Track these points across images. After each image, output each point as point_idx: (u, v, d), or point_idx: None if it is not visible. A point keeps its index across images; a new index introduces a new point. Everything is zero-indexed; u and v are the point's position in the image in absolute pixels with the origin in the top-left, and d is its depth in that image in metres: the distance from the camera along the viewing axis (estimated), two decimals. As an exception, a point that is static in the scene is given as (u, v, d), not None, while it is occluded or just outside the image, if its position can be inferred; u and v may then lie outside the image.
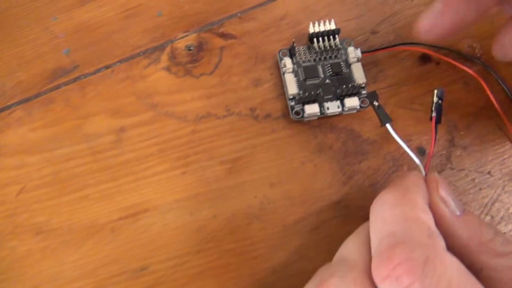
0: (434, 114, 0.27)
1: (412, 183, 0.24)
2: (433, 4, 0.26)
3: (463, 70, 0.32)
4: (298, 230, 0.29)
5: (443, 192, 0.24)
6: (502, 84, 0.32)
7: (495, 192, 0.30)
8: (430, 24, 0.27)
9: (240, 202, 0.30)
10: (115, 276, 0.28)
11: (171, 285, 0.28)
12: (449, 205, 0.23)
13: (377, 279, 0.20)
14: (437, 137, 0.27)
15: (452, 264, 0.20)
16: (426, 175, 0.25)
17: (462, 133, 0.31)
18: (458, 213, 0.23)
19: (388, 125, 0.27)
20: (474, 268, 0.22)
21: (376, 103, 0.27)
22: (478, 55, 0.33)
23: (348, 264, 0.22)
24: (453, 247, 0.23)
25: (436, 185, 0.24)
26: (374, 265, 0.20)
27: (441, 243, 0.21)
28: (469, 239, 0.22)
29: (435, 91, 0.27)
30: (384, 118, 0.27)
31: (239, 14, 0.35)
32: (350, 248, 0.23)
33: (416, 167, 0.26)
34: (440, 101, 0.27)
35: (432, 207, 0.23)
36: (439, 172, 0.30)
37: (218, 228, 0.29)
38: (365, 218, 0.24)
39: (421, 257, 0.19)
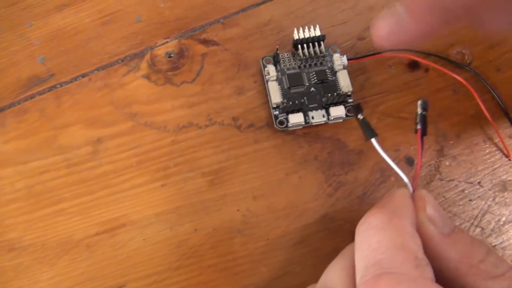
0: (419, 127, 0.25)
1: (399, 204, 0.23)
2: (394, 8, 0.23)
3: (452, 77, 0.31)
4: (283, 244, 0.28)
5: (431, 211, 0.22)
6: (492, 92, 0.31)
7: (485, 203, 0.29)
8: (388, 30, 0.23)
9: (222, 215, 0.28)
10: (91, 294, 0.27)
11: (149, 304, 0.27)
12: (438, 225, 0.22)
13: None
14: (424, 148, 0.26)
15: None
16: (413, 191, 0.24)
17: (451, 142, 0.30)
18: (447, 232, 0.22)
19: (373, 140, 0.25)
20: None
21: (360, 117, 0.26)
22: (468, 61, 0.32)
23: None
24: (443, 269, 0.22)
25: (424, 204, 0.23)
26: None
27: (429, 274, 0.20)
28: (459, 260, 0.21)
29: (419, 102, 0.26)
30: (368, 132, 0.25)
31: (221, 20, 0.33)
32: (334, 273, 0.22)
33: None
34: (424, 112, 0.26)
35: (419, 228, 0.22)
36: (428, 183, 0.29)
37: (199, 242, 0.28)
38: (351, 231, 0.23)
39: None
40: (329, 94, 0.30)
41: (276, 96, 0.30)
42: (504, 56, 0.33)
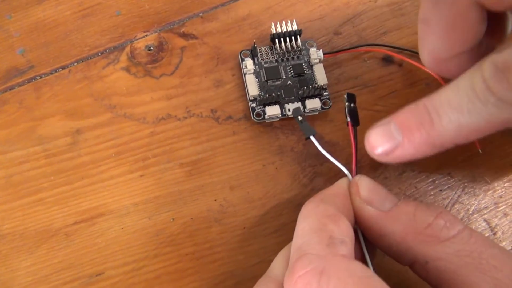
0: (349, 119, 0.26)
1: (330, 192, 0.24)
2: (389, 128, 0.24)
3: (425, 71, 0.32)
4: (259, 233, 0.29)
5: (365, 193, 0.23)
6: (463, 86, 0.32)
7: (455, 193, 0.30)
8: (383, 151, 0.24)
9: (199, 205, 0.29)
10: (69, 282, 0.27)
11: (127, 291, 0.27)
12: (375, 204, 0.23)
13: None
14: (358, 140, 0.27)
15: (349, 270, 0.19)
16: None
17: (423, 134, 0.31)
18: (387, 208, 0.23)
19: (312, 138, 0.27)
20: (419, 264, 0.22)
21: (300, 118, 0.28)
22: (440, 56, 0.33)
23: (268, 277, 0.22)
24: (392, 245, 0.22)
25: (356, 189, 0.24)
26: (284, 279, 0.20)
27: (341, 251, 0.20)
28: (404, 231, 0.22)
29: (345, 96, 0.27)
30: (307, 130, 0.27)
31: (200, 14, 0.34)
32: (276, 261, 0.23)
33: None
34: (352, 104, 0.27)
35: (356, 211, 0.23)
36: (400, 174, 0.30)
37: (177, 231, 0.28)
38: (325, 220, 0.24)
39: (318, 269, 0.19)
40: (305, 87, 0.30)
41: (253, 89, 0.31)
42: (475, 52, 0.34)
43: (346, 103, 0.27)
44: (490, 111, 0.20)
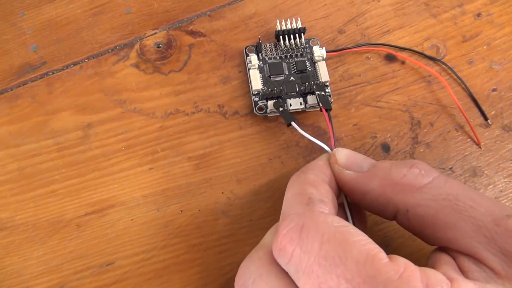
0: (321, 105, 0.29)
1: (311, 164, 0.25)
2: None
3: (427, 69, 0.33)
4: (265, 225, 0.29)
5: (343, 160, 0.25)
6: (463, 84, 0.33)
7: (456, 187, 0.31)
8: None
9: (207, 197, 0.30)
10: (80, 271, 0.28)
11: (136, 280, 0.28)
12: (354, 168, 0.24)
13: (275, 255, 0.21)
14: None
15: (325, 221, 0.20)
16: None
17: (425, 130, 0.32)
18: (365, 169, 0.24)
19: (293, 123, 0.29)
20: (401, 214, 0.23)
21: (281, 109, 0.30)
22: (442, 54, 0.34)
23: (259, 246, 0.23)
24: (372, 203, 0.23)
25: (335, 158, 0.25)
26: (272, 243, 0.21)
27: (320, 208, 0.21)
28: (381, 186, 0.23)
29: (314, 87, 0.31)
30: (288, 118, 0.29)
31: (208, 12, 0.35)
32: (267, 233, 0.24)
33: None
34: (322, 93, 0.30)
35: (336, 178, 0.25)
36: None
37: (185, 223, 0.29)
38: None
39: (298, 225, 0.20)
40: (307, 83, 0.31)
41: (256, 83, 0.31)
42: (476, 50, 0.34)
43: (317, 93, 0.30)
44: None
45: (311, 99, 0.31)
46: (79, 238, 0.29)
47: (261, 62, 0.32)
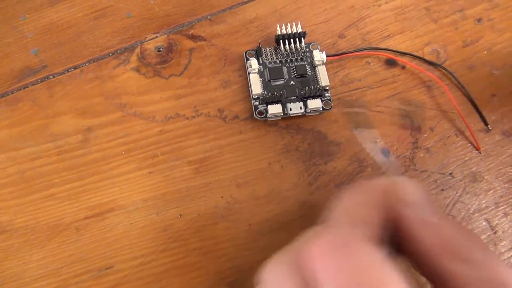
0: None
1: (367, 185, 0.24)
2: None
3: (427, 74, 0.33)
4: (264, 229, 0.29)
5: (410, 197, 0.23)
6: (463, 89, 0.33)
7: (456, 193, 0.31)
8: None
9: (206, 202, 0.30)
10: (80, 275, 0.28)
11: (136, 284, 0.28)
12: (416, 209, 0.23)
13: (300, 262, 0.20)
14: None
15: (363, 249, 0.19)
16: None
17: (425, 135, 0.32)
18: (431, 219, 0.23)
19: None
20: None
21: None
22: (442, 59, 0.34)
23: (288, 249, 0.23)
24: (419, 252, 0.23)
25: (396, 187, 0.24)
26: (304, 247, 0.21)
27: (361, 231, 0.21)
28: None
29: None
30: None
31: (209, 17, 0.35)
32: (299, 237, 0.24)
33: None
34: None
35: (395, 211, 0.24)
36: (402, 174, 0.31)
37: (184, 227, 0.29)
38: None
39: (335, 242, 0.19)
40: (307, 88, 0.31)
41: (256, 88, 0.31)
42: (477, 55, 0.34)
43: None
44: None
45: (312, 104, 0.31)
46: (79, 241, 0.29)
47: (261, 67, 0.32)
